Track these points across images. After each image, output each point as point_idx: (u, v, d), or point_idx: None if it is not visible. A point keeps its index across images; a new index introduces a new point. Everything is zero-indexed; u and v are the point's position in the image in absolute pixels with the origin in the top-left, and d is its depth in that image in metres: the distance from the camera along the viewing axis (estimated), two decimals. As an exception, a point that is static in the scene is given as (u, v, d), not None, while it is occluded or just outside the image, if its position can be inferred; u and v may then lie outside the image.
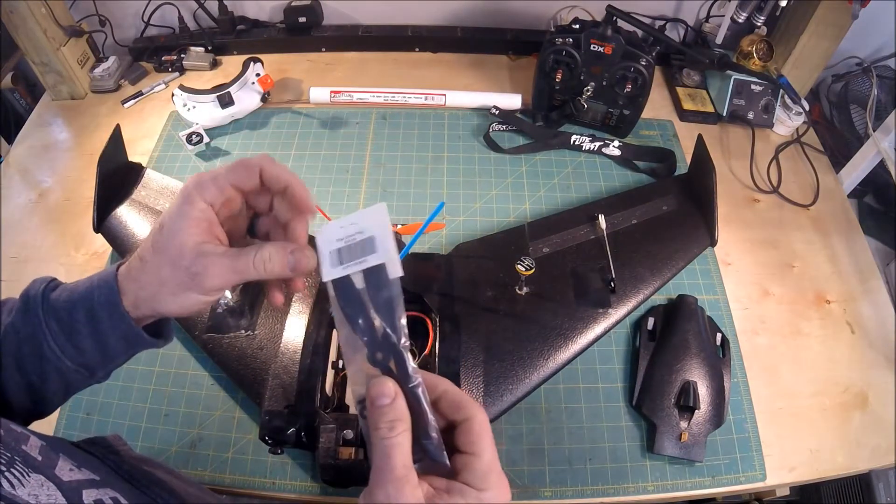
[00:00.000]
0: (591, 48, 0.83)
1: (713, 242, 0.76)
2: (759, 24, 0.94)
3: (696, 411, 0.63)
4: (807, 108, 0.95)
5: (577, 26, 0.85)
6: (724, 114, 0.96)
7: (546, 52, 0.86)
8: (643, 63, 0.82)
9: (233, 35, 1.06)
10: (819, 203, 0.87)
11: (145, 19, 1.07)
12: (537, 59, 0.89)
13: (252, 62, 0.94)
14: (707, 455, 0.63)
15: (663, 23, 1.06)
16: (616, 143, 0.90)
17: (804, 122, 0.95)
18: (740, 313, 0.75)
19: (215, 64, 1.05)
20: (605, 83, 0.86)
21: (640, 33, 0.87)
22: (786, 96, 0.94)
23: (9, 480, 0.26)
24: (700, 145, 0.79)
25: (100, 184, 0.75)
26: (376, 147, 0.92)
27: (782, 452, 0.65)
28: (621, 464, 0.63)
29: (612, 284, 0.69)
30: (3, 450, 0.28)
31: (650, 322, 0.71)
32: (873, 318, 0.76)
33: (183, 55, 1.03)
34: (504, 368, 0.63)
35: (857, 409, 0.68)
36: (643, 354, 0.69)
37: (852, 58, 1.02)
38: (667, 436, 0.63)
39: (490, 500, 0.31)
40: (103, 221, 0.76)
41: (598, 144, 0.90)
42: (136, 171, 0.82)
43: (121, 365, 0.38)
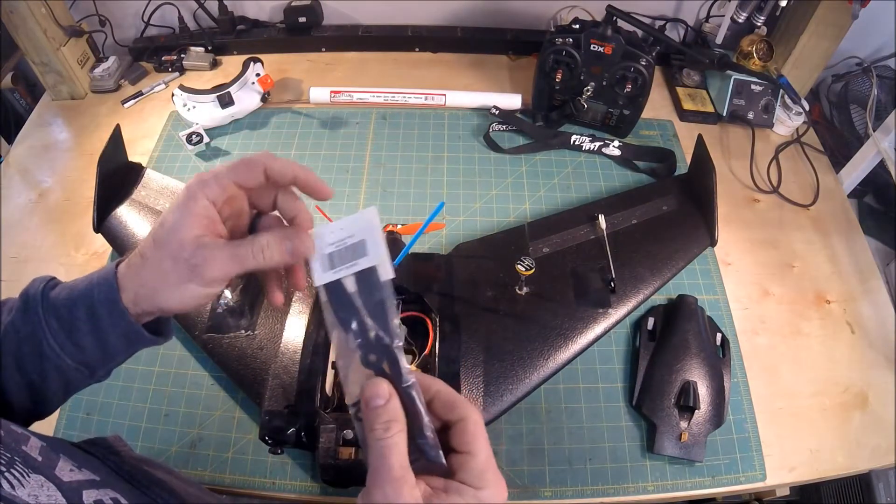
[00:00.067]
0: (591, 48, 0.83)
1: (713, 242, 0.76)
2: (759, 24, 0.94)
3: (696, 411, 0.63)
4: (807, 108, 0.95)
5: (577, 26, 0.85)
6: (724, 114, 0.96)
7: (546, 52, 0.86)
8: (643, 63, 0.82)
9: (233, 35, 1.06)
10: (819, 203, 0.87)
11: (145, 19, 1.07)
12: (537, 59, 0.89)
13: (252, 62, 0.94)
14: (707, 455, 0.63)
15: (663, 23, 1.07)
16: (616, 143, 0.90)
17: (804, 122, 0.95)
18: (740, 313, 0.75)
19: (215, 64, 1.05)
20: (605, 83, 0.86)
21: (640, 33, 0.87)
22: (786, 96, 0.94)
23: (8, 481, 0.26)
24: (700, 145, 0.79)
25: (100, 184, 0.75)
26: (376, 147, 0.92)
27: (782, 452, 0.65)
28: (621, 464, 0.63)
29: (612, 284, 0.69)
30: (3, 450, 0.28)
31: (650, 322, 0.71)
32: (873, 318, 0.76)
33: (183, 55, 1.03)
34: (504, 368, 0.63)
35: (857, 409, 0.68)
36: (643, 354, 0.69)
37: (852, 58, 1.02)
38: (667, 436, 0.63)
39: (487, 498, 0.31)
40: (103, 221, 0.76)
41: (598, 144, 0.90)
42: (136, 171, 0.82)
43: (121, 363, 0.38)
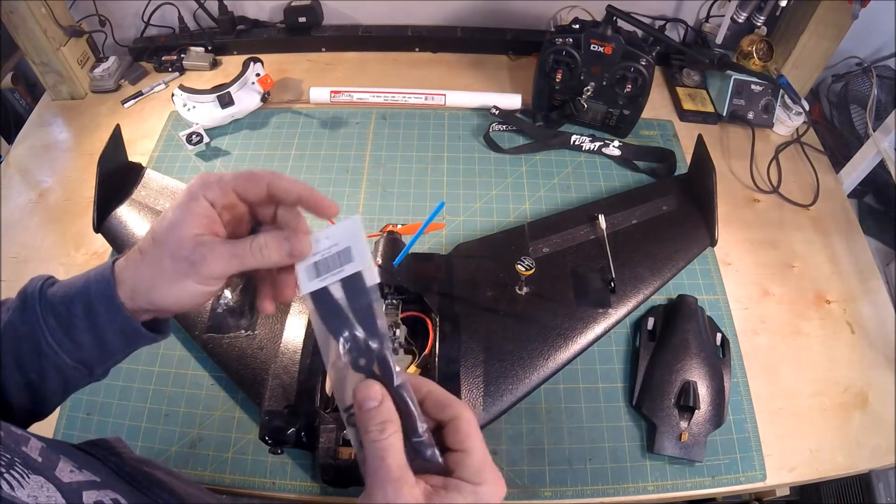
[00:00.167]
0: (591, 48, 0.83)
1: (713, 242, 0.76)
2: (759, 24, 0.94)
3: (696, 411, 0.63)
4: (807, 108, 0.95)
5: (577, 26, 0.85)
6: (724, 114, 0.96)
7: (546, 52, 0.86)
8: (643, 63, 0.82)
9: (233, 35, 1.06)
10: (819, 203, 0.87)
11: (145, 19, 1.07)
12: (537, 59, 0.89)
13: (252, 62, 0.94)
14: (707, 455, 0.63)
15: (663, 23, 1.06)
16: (616, 143, 0.90)
17: (804, 122, 0.95)
18: (740, 313, 0.75)
19: (215, 64, 1.05)
20: (605, 83, 0.86)
21: (640, 33, 0.87)
22: (786, 96, 0.94)
23: (8, 482, 0.26)
24: (700, 145, 0.79)
25: (100, 184, 0.75)
26: (376, 147, 0.92)
27: (782, 452, 0.65)
28: (621, 464, 0.63)
29: (612, 284, 0.69)
30: (3, 451, 0.28)
31: (650, 322, 0.71)
32: (873, 318, 0.76)
33: (183, 55, 1.03)
34: (504, 368, 0.63)
35: (857, 409, 0.68)
36: (643, 354, 0.69)
37: (852, 58, 1.02)
38: (667, 436, 0.63)
39: (486, 494, 0.31)
40: (103, 221, 0.76)
41: (598, 144, 0.90)
42: (136, 171, 0.82)
43: (119, 361, 0.38)
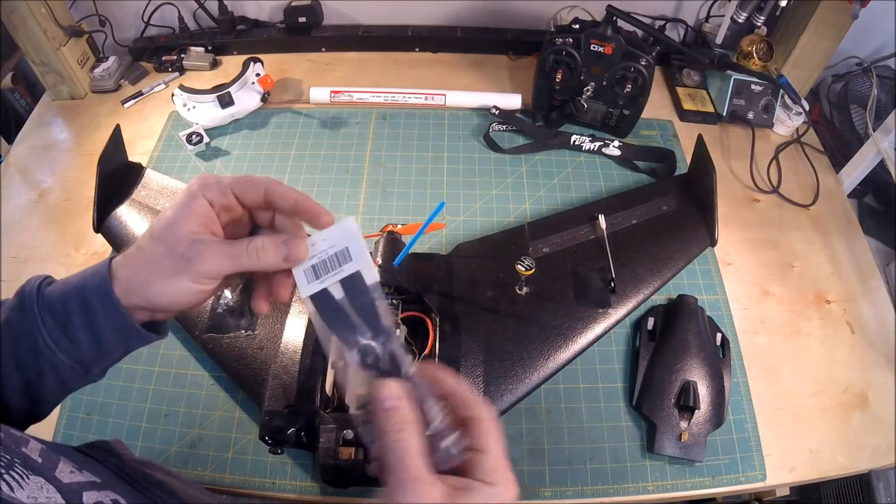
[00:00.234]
0: (591, 48, 0.83)
1: (713, 242, 0.76)
2: (759, 24, 0.94)
3: (696, 411, 0.63)
4: (807, 108, 0.95)
5: (577, 26, 0.85)
6: (724, 114, 0.96)
7: (546, 52, 0.86)
8: (643, 63, 0.82)
9: (233, 35, 1.06)
10: (819, 203, 0.87)
11: (145, 19, 1.07)
12: (537, 59, 0.89)
13: (252, 62, 0.94)
14: (707, 455, 0.63)
15: (663, 23, 1.06)
16: (616, 143, 0.90)
17: (804, 122, 0.95)
18: (740, 313, 0.75)
19: (215, 64, 1.05)
20: (605, 83, 0.86)
21: (640, 33, 0.87)
22: (786, 96, 0.94)
23: (8, 483, 0.26)
24: (700, 145, 0.79)
25: (100, 184, 0.75)
26: (376, 147, 0.92)
27: (782, 452, 0.65)
28: (621, 464, 0.63)
29: (612, 284, 0.69)
30: (3, 452, 0.28)
31: (650, 322, 0.71)
32: (873, 318, 0.76)
33: (183, 55, 1.03)
34: (504, 368, 0.63)
35: (857, 409, 0.68)
36: (643, 354, 0.69)
37: (852, 58, 1.02)
38: (667, 436, 0.63)
39: (499, 495, 0.31)
40: (103, 221, 0.76)
41: (598, 144, 0.90)
42: (136, 171, 0.82)
43: (116, 361, 0.38)
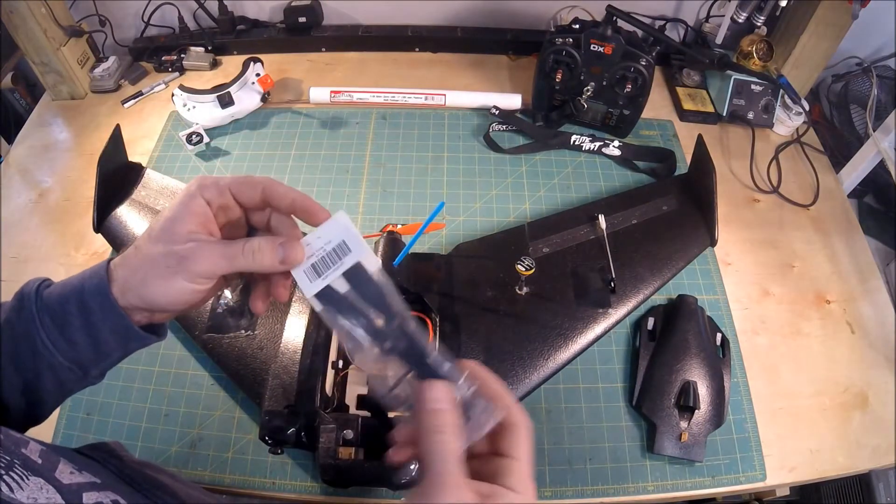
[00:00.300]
0: (591, 48, 0.83)
1: (713, 242, 0.76)
2: (759, 24, 0.94)
3: (696, 411, 0.63)
4: (807, 108, 0.95)
5: (577, 26, 0.85)
6: (724, 114, 0.96)
7: (546, 52, 0.86)
8: (643, 63, 0.82)
9: (233, 35, 1.06)
10: (819, 203, 0.87)
11: (145, 19, 1.06)
12: (537, 59, 0.89)
13: (252, 62, 0.94)
14: (707, 455, 0.63)
15: (663, 23, 1.06)
16: (616, 143, 0.90)
17: (804, 122, 0.95)
18: (740, 313, 0.75)
19: (215, 64, 1.05)
20: (605, 83, 0.86)
21: (640, 33, 0.87)
22: (786, 96, 0.94)
23: (7, 484, 0.26)
24: (700, 145, 0.79)
25: (100, 184, 0.75)
26: (376, 147, 0.92)
27: (782, 452, 0.65)
28: (621, 464, 0.63)
29: (612, 284, 0.69)
30: (3, 453, 0.28)
31: (650, 322, 0.71)
32: (873, 318, 0.76)
33: (183, 55, 1.03)
34: (504, 368, 0.63)
35: (857, 409, 0.68)
36: (643, 354, 0.69)
37: (852, 58, 1.02)
38: (667, 436, 0.63)
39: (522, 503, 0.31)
40: (103, 221, 0.76)
41: (598, 144, 0.90)
42: (136, 171, 0.82)
43: (115, 363, 0.38)
